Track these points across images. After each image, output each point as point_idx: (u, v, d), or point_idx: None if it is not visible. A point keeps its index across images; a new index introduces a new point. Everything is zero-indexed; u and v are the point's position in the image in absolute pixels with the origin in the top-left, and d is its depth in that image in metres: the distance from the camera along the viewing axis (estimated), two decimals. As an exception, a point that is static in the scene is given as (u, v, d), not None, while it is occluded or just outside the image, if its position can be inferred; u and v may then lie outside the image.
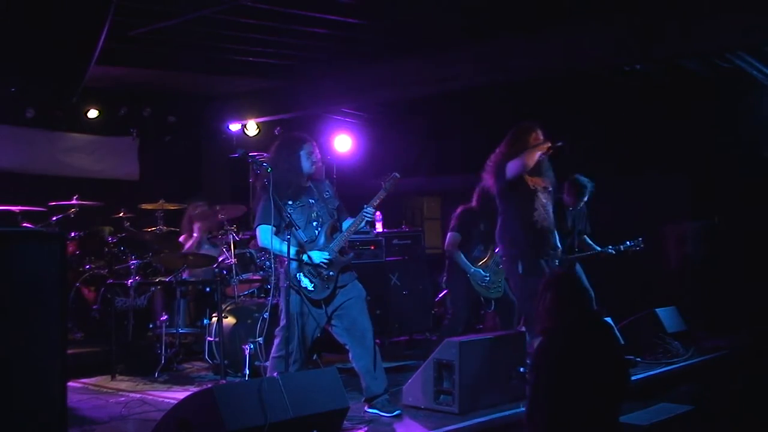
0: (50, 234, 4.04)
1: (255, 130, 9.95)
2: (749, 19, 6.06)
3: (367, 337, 5.13)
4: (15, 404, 3.48)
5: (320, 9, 6.56)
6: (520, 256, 5.63)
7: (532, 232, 5.64)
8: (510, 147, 5.73)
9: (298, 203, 5.14)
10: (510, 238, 5.71)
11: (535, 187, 5.71)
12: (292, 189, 5.14)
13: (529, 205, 5.66)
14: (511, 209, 5.71)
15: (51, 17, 5.51)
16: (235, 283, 7.10)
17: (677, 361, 6.83)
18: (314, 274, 5.05)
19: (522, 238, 5.63)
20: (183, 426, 3.96)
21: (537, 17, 6.78)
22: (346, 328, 5.15)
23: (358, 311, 5.16)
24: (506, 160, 5.65)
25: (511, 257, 5.70)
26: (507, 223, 5.74)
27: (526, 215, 5.64)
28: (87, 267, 7.84)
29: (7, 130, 8.59)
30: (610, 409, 3.72)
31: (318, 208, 5.21)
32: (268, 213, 4.98)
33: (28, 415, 3.51)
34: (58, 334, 3.65)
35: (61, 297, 3.73)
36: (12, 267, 3.53)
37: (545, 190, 5.79)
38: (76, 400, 5.67)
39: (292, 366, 4.91)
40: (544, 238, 5.71)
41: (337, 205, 5.33)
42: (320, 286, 5.06)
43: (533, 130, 5.74)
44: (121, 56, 7.49)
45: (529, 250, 5.62)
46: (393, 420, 5.02)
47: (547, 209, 5.75)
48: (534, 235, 5.64)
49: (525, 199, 5.66)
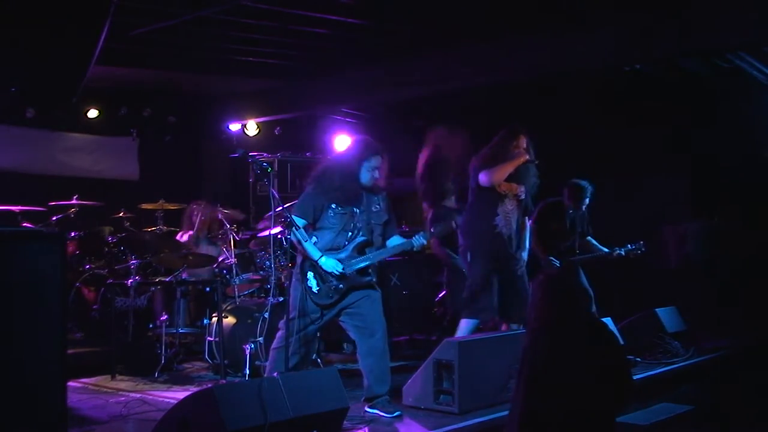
0: (50, 234, 4.05)
1: (255, 130, 9.95)
2: (749, 19, 6.06)
3: (376, 337, 5.11)
4: (15, 404, 3.48)
5: (320, 9, 6.56)
6: (472, 248, 5.91)
7: (489, 235, 5.87)
8: (491, 150, 5.95)
9: (341, 209, 5.07)
10: (468, 232, 5.94)
11: (505, 193, 5.90)
12: (340, 192, 5.06)
13: (493, 210, 5.89)
14: (476, 207, 5.95)
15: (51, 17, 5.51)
16: (235, 283, 7.10)
17: (677, 361, 6.82)
18: (323, 279, 5.05)
19: (477, 235, 5.88)
20: (183, 426, 3.96)
21: (537, 17, 6.78)
22: (355, 325, 5.16)
23: (368, 309, 5.14)
24: (484, 162, 5.85)
25: (465, 248, 5.98)
26: (470, 218, 5.98)
27: (488, 218, 5.87)
28: (87, 267, 7.84)
29: (7, 130, 8.58)
30: (600, 410, 3.69)
31: (359, 219, 5.11)
32: (306, 206, 5.06)
33: (28, 415, 3.52)
34: (58, 334, 3.66)
35: (61, 297, 3.74)
36: (12, 267, 3.53)
37: (515, 197, 5.97)
38: (76, 400, 5.66)
39: (292, 358, 4.92)
40: (501, 244, 5.91)
41: (385, 219, 5.21)
42: (324, 292, 5.05)
43: (516, 137, 5.93)
44: (121, 56, 7.49)
45: (480, 246, 5.89)
46: (393, 420, 5.01)
47: (510, 217, 5.94)
48: (491, 238, 5.87)
49: (490, 203, 5.89)
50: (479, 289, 5.89)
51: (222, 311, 6.54)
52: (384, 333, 5.17)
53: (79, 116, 9.00)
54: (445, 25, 7.06)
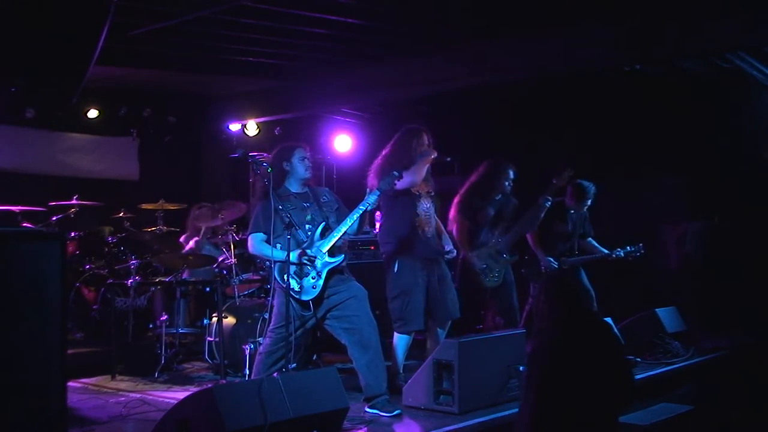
0: (50, 234, 4.04)
1: (255, 130, 9.95)
2: (749, 19, 6.06)
3: (366, 336, 5.11)
4: (15, 404, 3.48)
5: (320, 9, 6.56)
6: (398, 255, 5.82)
7: (413, 235, 5.83)
8: (394, 151, 5.92)
9: (291, 206, 5.18)
10: (390, 239, 5.88)
11: (418, 192, 5.89)
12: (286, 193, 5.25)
13: (411, 210, 5.85)
14: (394, 213, 5.89)
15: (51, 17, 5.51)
16: (235, 283, 7.10)
17: (677, 361, 6.82)
18: (299, 274, 5.06)
19: (402, 241, 5.81)
20: (183, 426, 3.96)
21: (537, 17, 6.78)
22: (344, 328, 5.16)
23: (355, 310, 5.15)
24: (389, 164, 5.77)
25: (389, 256, 5.89)
26: (389, 225, 5.93)
27: (408, 219, 5.83)
28: (87, 267, 7.84)
29: (7, 130, 8.58)
30: (606, 409, 3.71)
31: (312, 211, 5.26)
32: (258, 221, 5.15)
33: (28, 415, 3.52)
34: (58, 334, 3.66)
35: (61, 297, 3.73)
36: (12, 267, 3.53)
37: (428, 194, 5.98)
38: (76, 400, 5.67)
39: (277, 364, 5.00)
40: (424, 241, 5.88)
41: (336, 207, 5.37)
42: (306, 286, 5.07)
43: (418, 135, 5.91)
44: (121, 56, 7.48)
45: (406, 251, 5.81)
46: (393, 420, 5.02)
47: (429, 213, 5.93)
48: (415, 239, 5.83)
49: (408, 204, 5.85)
50: (410, 298, 5.78)
51: (222, 311, 6.54)
52: (374, 331, 5.18)
53: (79, 116, 9.00)
54: (446, 25, 7.06)
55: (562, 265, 7.05)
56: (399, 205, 5.86)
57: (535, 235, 7.11)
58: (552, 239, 7.14)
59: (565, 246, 7.19)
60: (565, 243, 7.20)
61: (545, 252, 7.07)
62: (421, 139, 5.92)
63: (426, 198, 5.96)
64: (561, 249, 7.16)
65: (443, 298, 5.95)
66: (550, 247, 7.11)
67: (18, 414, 3.48)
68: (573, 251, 7.22)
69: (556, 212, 7.10)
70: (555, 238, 7.15)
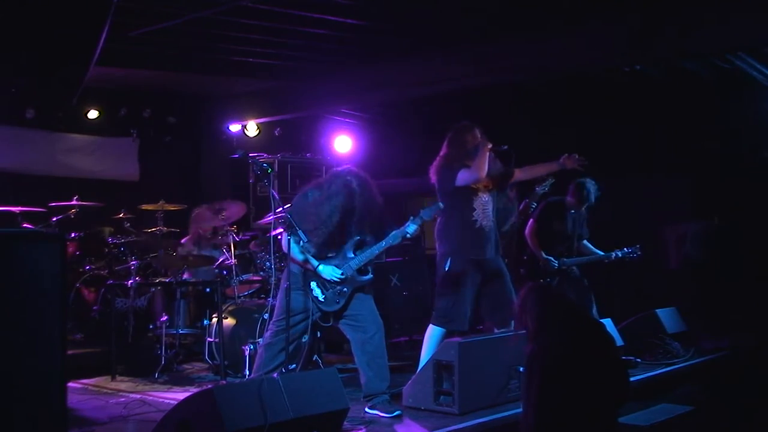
0: (50, 234, 4.05)
1: (255, 131, 9.95)
2: (749, 19, 6.06)
3: (370, 333, 5.14)
4: (15, 404, 3.48)
5: (320, 10, 6.56)
6: (451, 254, 5.76)
7: (470, 231, 5.76)
8: (450, 149, 5.87)
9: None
10: (446, 236, 5.84)
11: (476, 187, 5.83)
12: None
13: (469, 205, 5.79)
14: (452, 209, 5.80)
15: (51, 18, 5.52)
16: (235, 284, 7.10)
17: (677, 362, 6.82)
18: (325, 286, 5.10)
19: (458, 238, 5.76)
20: (183, 427, 3.96)
21: (537, 18, 6.77)
22: (348, 324, 5.20)
23: (359, 308, 5.18)
24: (449, 161, 5.78)
25: (442, 254, 5.83)
26: (447, 221, 5.86)
27: (465, 215, 5.77)
28: (87, 268, 7.84)
29: (7, 131, 8.58)
30: (606, 410, 3.72)
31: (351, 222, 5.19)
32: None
33: (28, 416, 3.52)
34: (58, 334, 3.66)
35: (61, 297, 3.73)
36: (12, 267, 3.53)
37: (486, 189, 5.90)
38: (76, 400, 5.66)
39: (279, 355, 5.02)
40: (481, 237, 5.81)
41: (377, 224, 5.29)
42: (331, 299, 5.13)
43: (470, 130, 5.86)
44: (121, 57, 7.49)
45: (460, 249, 5.75)
46: (393, 420, 5.01)
47: (486, 209, 5.86)
48: (471, 235, 5.76)
49: (466, 199, 5.80)
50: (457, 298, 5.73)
51: (222, 312, 6.54)
52: (379, 329, 5.19)
53: (79, 117, 9.00)
54: (445, 25, 7.06)
55: (561, 266, 7.04)
56: (456, 202, 5.77)
57: (535, 235, 7.10)
58: (550, 239, 7.13)
59: (563, 246, 7.17)
60: (564, 243, 7.18)
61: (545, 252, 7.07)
62: (473, 133, 5.83)
63: (484, 192, 5.85)
64: (559, 249, 7.14)
65: (500, 298, 5.85)
66: (548, 247, 7.10)
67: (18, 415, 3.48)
68: (571, 251, 7.19)
69: (555, 212, 7.09)
70: (553, 237, 7.14)
